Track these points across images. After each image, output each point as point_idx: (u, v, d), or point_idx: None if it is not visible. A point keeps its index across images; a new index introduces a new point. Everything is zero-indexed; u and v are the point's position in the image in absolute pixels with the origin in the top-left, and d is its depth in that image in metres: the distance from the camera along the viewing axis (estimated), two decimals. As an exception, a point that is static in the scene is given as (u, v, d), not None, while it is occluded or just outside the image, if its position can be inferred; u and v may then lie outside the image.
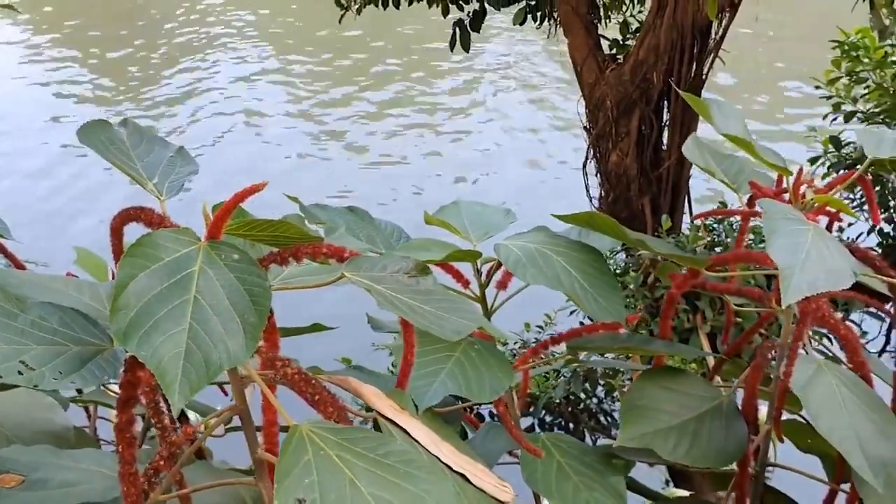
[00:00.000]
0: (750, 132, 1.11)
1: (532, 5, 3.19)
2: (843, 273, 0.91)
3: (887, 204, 2.67)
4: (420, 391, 0.90)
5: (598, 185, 3.21)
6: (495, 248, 1.04)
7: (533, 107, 7.47)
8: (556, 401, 2.89)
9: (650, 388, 1.07)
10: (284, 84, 8.18)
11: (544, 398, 2.68)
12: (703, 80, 2.78)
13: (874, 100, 2.84)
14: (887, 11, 2.10)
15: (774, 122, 6.79)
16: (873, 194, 1.16)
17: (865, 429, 0.94)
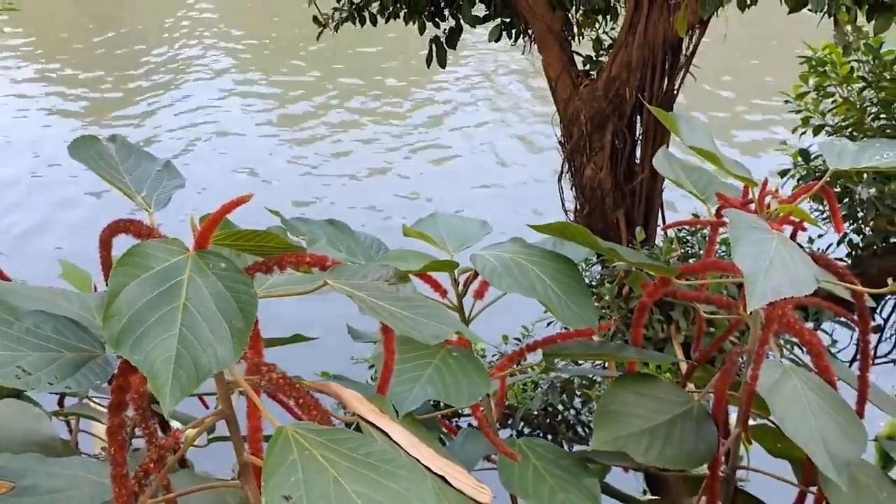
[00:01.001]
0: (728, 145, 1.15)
1: (507, 22, 3.24)
2: (806, 280, 0.95)
3: (856, 215, 2.73)
4: (400, 396, 0.93)
5: (574, 199, 3.26)
6: (472, 258, 1.07)
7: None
8: (533, 412, 2.92)
9: (623, 393, 1.11)
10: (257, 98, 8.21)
11: (522, 409, 2.71)
12: (674, 94, 2.84)
13: (841, 114, 2.90)
14: (850, 28, 2.16)
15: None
16: (836, 204, 1.21)
17: (829, 430, 0.98)
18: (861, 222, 2.69)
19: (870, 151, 1.18)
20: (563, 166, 3.18)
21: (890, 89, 2.57)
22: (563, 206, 3.31)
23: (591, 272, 3.02)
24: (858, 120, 2.80)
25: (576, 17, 3.17)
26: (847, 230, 2.91)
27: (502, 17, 3.26)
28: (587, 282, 3.02)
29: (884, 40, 2.65)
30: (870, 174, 2.52)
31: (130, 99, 8.23)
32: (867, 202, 2.39)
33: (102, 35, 10.11)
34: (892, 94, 2.58)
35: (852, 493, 1.00)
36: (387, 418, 0.84)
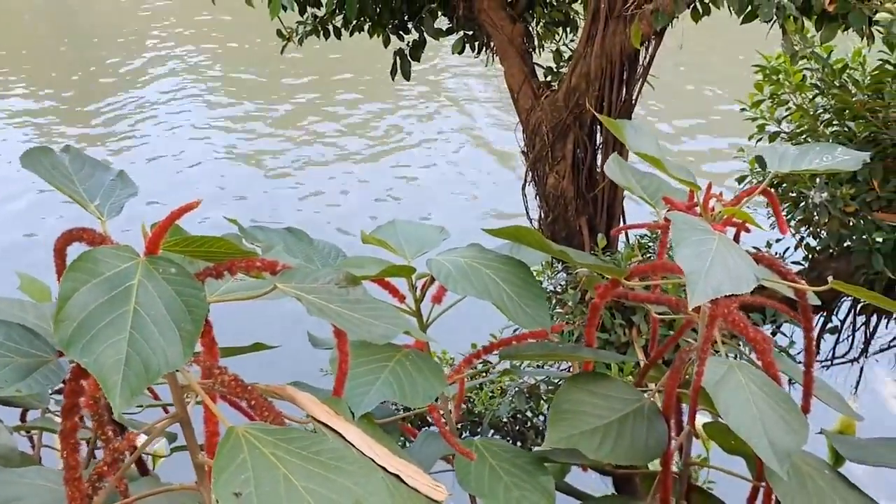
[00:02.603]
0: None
1: (469, 35, 3.29)
2: (746, 278, 0.99)
3: (811, 219, 2.80)
4: (356, 398, 0.95)
5: (538, 207, 3.30)
6: (428, 263, 1.10)
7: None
8: (502, 419, 2.95)
9: (576, 392, 1.14)
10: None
11: (489, 415, 2.74)
12: (632, 104, 2.89)
13: (796, 120, 2.98)
14: (798, 37, 2.23)
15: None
16: (779, 207, 1.25)
17: (772, 422, 1.01)
18: (815, 226, 2.76)
19: (809, 155, 1.23)
20: (526, 175, 3.22)
21: (839, 97, 2.64)
22: (528, 215, 3.36)
23: (557, 279, 3.07)
24: (812, 127, 2.87)
25: (536, 29, 3.23)
26: (803, 234, 2.99)
27: (465, 29, 3.31)
28: (552, 288, 3.07)
29: (835, 48, 2.73)
30: (822, 179, 2.59)
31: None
32: (820, 206, 2.46)
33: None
34: (842, 102, 2.65)
35: (796, 482, 1.04)
36: (341, 419, 0.86)
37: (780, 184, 2.91)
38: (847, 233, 2.56)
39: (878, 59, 2.66)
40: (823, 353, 3.14)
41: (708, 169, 6.24)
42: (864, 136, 2.66)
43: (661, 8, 2.26)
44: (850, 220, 2.57)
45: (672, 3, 2.22)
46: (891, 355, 3.16)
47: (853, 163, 1.19)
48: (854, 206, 2.53)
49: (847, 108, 2.71)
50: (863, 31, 2.20)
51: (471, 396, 2.84)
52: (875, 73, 2.64)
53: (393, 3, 3.20)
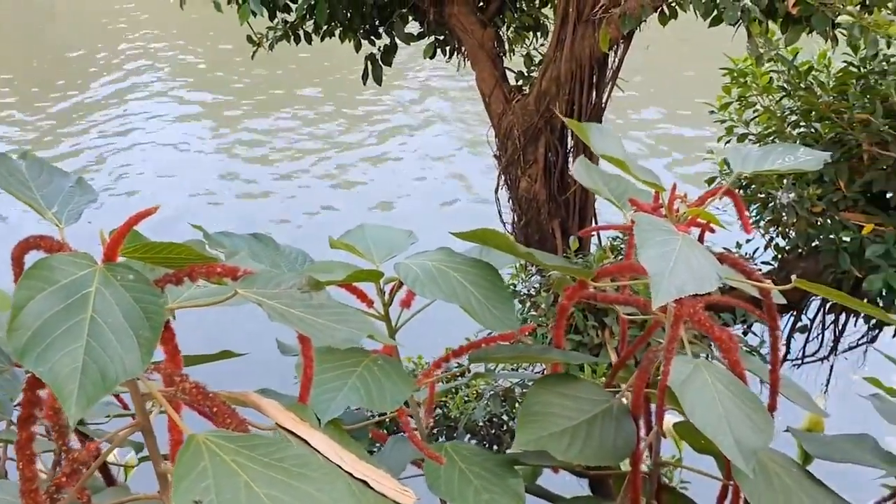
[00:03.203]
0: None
1: (440, 40, 3.30)
2: (710, 278, 1.00)
3: (780, 220, 2.83)
4: (323, 405, 0.94)
5: (511, 210, 3.32)
6: (395, 267, 1.10)
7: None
8: (478, 423, 2.95)
9: (545, 394, 1.14)
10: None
11: (464, 419, 2.74)
12: (602, 107, 2.91)
13: (763, 122, 3.01)
14: (763, 40, 2.26)
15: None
16: (742, 206, 1.26)
17: (738, 420, 1.02)
18: (784, 226, 2.79)
19: (772, 156, 1.24)
20: (498, 179, 3.23)
21: (805, 98, 2.67)
22: (501, 218, 3.37)
23: (531, 281, 3.08)
24: (779, 128, 2.91)
25: (507, 33, 3.24)
26: (772, 234, 3.02)
27: (436, 34, 3.31)
28: (526, 290, 3.08)
29: (801, 50, 2.77)
30: (789, 180, 2.62)
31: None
32: (788, 207, 2.48)
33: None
34: (808, 103, 2.69)
35: (762, 480, 1.05)
36: (306, 426, 0.85)
37: (749, 185, 2.94)
38: (814, 232, 2.60)
39: (843, 60, 2.70)
40: (794, 352, 3.18)
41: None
42: (830, 138, 2.70)
43: (629, 12, 2.28)
44: (818, 220, 2.60)
45: (639, 7, 2.24)
46: (859, 353, 3.20)
47: (815, 163, 1.21)
48: (821, 207, 2.57)
49: (813, 109, 2.75)
50: (826, 33, 2.23)
51: (445, 401, 2.84)
52: (839, 74, 2.68)
53: (363, 8, 3.20)
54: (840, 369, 3.35)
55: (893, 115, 2.55)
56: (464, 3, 3.04)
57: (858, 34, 1.98)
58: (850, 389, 3.64)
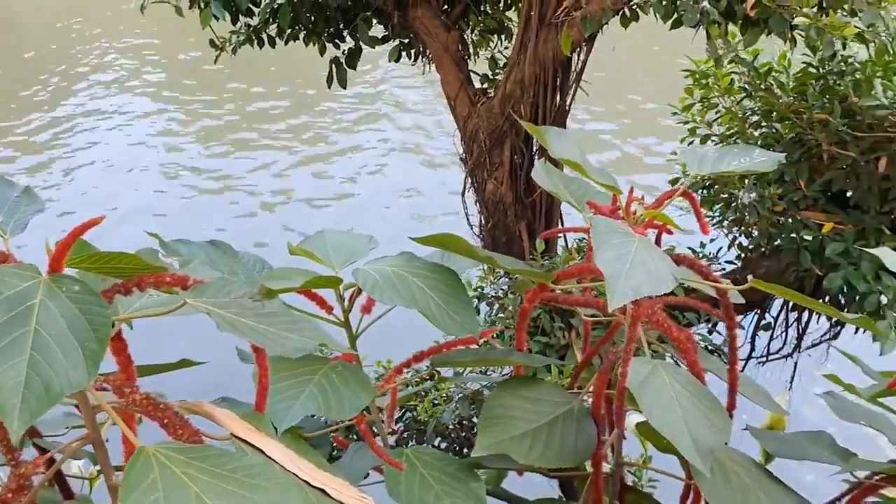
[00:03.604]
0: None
1: (405, 43, 3.29)
2: (665, 279, 1.01)
3: (743, 219, 2.87)
4: (279, 413, 0.94)
5: (478, 213, 3.32)
6: (354, 273, 1.09)
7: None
8: (448, 426, 2.95)
9: (506, 397, 1.14)
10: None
11: (433, 423, 2.73)
12: (567, 110, 2.93)
13: (725, 123, 3.05)
14: (722, 42, 2.28)
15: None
16: (699, 207, 1.28)
17: (695, 420, 1.03)
18: (746, 226, 2.82)
19: (728, 157, 1.25)
20: (465, 182, 3.24)
21: (766, 99, 2.71)
22: (468, 221, 3.37)
23: (499, 283, 3.09)
24: (741, 129, 2.94)
25: (471, 37, 3.25)
26: (736, 234, 3.06)
27: (400, 37, 3.31)
28: (494, 293, 3.08)
29: (761, 51, 2.81)
30: (751, 180, 2.65)
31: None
32: (749, 206, 2.52)
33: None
34: (768, 104, 2.72)
35: (721, 479, 1.06)
36: (262, 435, 0.85)
37: (713, 185, 2.97)
38: (776, 232, 2.63)
39: (802, 62, 2.74)
40: (759, 350, 3.22)
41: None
42: (790, 138, 2.74)
43: (590, 15, 2.29)
44: (779, 220, 2.63)
45: (600, 10, 2.25)
46: (822, 350, 3.25)
47: (770, 164, 1.22)
48: (782, 206, 2.60)
49: (773, 110, 2.79)
50: (784, 34, 2.27)
51: (415, 405, 2.84)
52: (798, 75, 2.72)
53: (327, 12, 3.18)
54: (805, 366, 3.40)
55: (851, 115, 2.59)
56: (428, 6, 3.04)
57: (815, 36, 2.01)
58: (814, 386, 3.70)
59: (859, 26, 2.24)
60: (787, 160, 2.67)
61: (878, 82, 2.43)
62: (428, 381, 2.50)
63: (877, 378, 1.23)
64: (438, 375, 2.74)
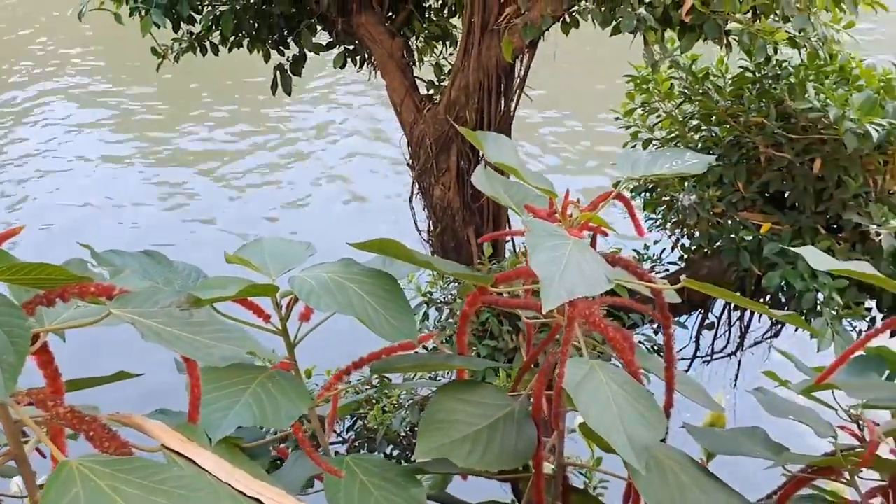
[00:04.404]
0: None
1: (350, 49, 3.29)
2: (599, 280, 1.02)
3: (685, 221, 2.92)
4: (214, 423, 0.92)
5: (427, 218, 3.33)
6: (290, 280, 1.08)
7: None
8: (400, 433, 2.94)
9: (447, 401, 1.14)
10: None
11: (383, 430, 2.73)
12: (511, 115, 2.95)
13: (666, 127, 3.11)
14: (658, 48, 2.33)
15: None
16: (634, 209, 1.30)
17: (631, 419, 1.04)
18: (688, 227, 2.88)
19: (661, 160, 1.28)
20: (412, 187, 3.24)
21: (704, 103, 2.77)
22: (417, 226, 3.38)
23: (448, 288, 3.09)
24: (681, 133, 3.00)
25: (416, 43, 3.26)
26: (678, 235, 3.12)
27: (345, 44, 3.31)
28: (443, 298, 3.09)
29: (700, 56, 2.87)
30: (690, 182, 2.71)
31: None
32: (689, 208, 2.57)
33: None
34: (706, 108, 2.79)
35: (657, 477, 1.07)
36: (194, 445, 0.84)
37: (655, 188, 3.03)
38: (716, 233, 2.69)
39: (739, 66, 2.81)
40: (704, 349, 3.28)
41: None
42: (729, 140, 2.81)
43: (530, 22, 2.32)
44: (719, 221, 2.69)
45: (540, 17, 2.28)
46: (766, 348, 3.32)
47: (700, 166, 1.25)
48: (721, 207, 2.66)
49: (712, 114, 2.85)
50: (720, 39, 2.32)
51: (365, 413, 2.83)
52: (735, 79, 2.79)
53: (271, 19, 3.16)
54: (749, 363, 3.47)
55: (787, 118, 2.66)
56: (372, 13, 3.05)
57: (748, 41, 2.06)
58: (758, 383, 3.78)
59: (791, 31, 2.31)
60: (726, 163, 2.73)
61: (811, 86, 2.50)
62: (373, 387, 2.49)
63: (809, 374, 1.27)
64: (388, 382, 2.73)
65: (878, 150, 2.58)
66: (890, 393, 1.17)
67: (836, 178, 2.58)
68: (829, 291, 2.39)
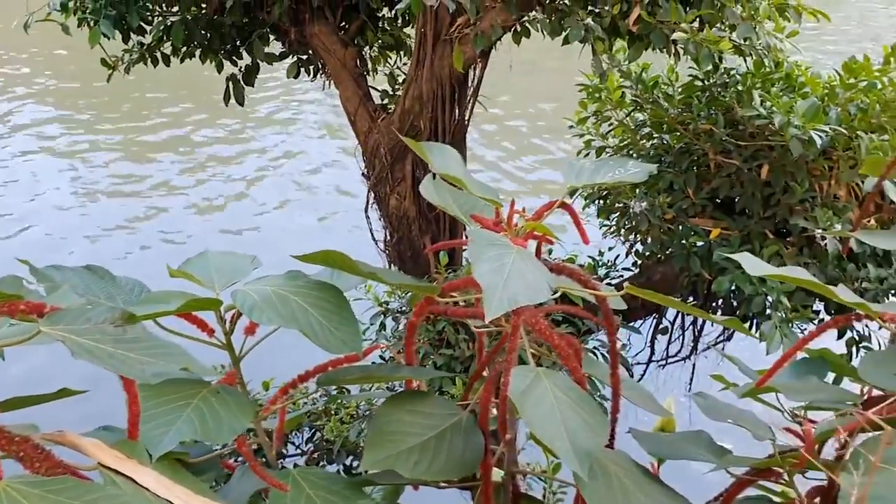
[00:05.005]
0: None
1: (304, 59, 3.28)
2: (542, 289, 1.03)
3: (637, 228, 2.96)
4: (154, 440, 0.91)
5: (383, 228, 3.33)
6: (232, 294, 1.08)
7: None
8: (359, 444, 2.93)
9: (394, 412, 1.14)
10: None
11: (340, 441, 2.72)
12: (465, 124, 2.97)
13: (619, 135, 3.15)
14: (606, 57, 2.36)
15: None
16: (578, 218, 1.31)
17: (575, 425, 1.05)
18: (641, 234, 2.92)
19: (604, 169, 1.30)
20: (368, 197, 3.24)
21: (654, 111, 2.81)
22: (373, 236, 3.37)
23: (406, 298, 3.09)
24: (633, 140, 3.04)
25: (370, 53, 3.26)
26: (633, 241, 3.16)
27: (298, 53, 3.29)
28: (400, 307, 3.09)
29: (651, 64, 2.91)
30: (641, 190, 2.74)
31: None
32: (640, 215, 2.60)
33: None
34: (657, 116, 2.83)
35: (602, 482, 1.08)
36: (133, 462, 0.83)
37: (608, 195, 3.06)
38: (668, 239, 2.72)
39: (689, 74, 2.86)
40: (658, 353, 3.32)
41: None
42: (679, 148, 2.85)
43: (481, 32, 2.33)
44: (670, 227, 2.73)
45: (490, 27, 2.30)
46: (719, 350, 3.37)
47: (642, 175, 1.27)
48: (672, 214, 2.70)
49: (662, 122, 2.89)
50: (669, 48, 2.36)
51: (321, 424, 2.81)
52: (684, 88, 2.83)
53: (222, 29, 3.14)
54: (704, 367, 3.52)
55: (735, 125, 2.71)
56: (325, 23, 3.04)
57: (693, 50, 2.10)
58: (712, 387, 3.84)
59: (736, 40, 2.35)
60: (676, 170, 2.78)
61: (757, 93, 2.55)
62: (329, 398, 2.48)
63: (753, 377, 1.29)
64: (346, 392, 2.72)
65: (823, 156, 2.64)
66: (827, 395, 1.20)
67: (782, 184, 2.64)
68: (777, 295, 2.44)
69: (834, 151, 2.64)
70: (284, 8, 2.89)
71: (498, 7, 2.32)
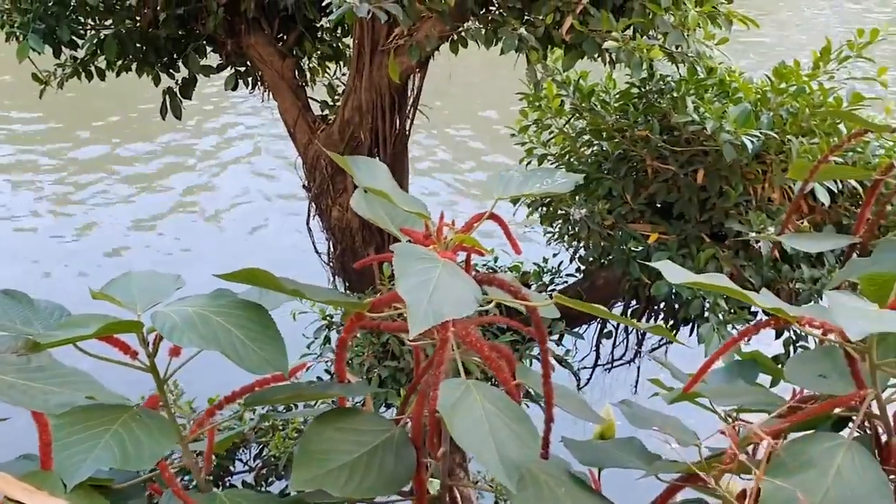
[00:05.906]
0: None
1: (241, 71, 3.24)
2: (468, 302, 1.03)
3: (579, 235, 2.98)
4: (70, 469, 0.89)
5: (326, 240, 3.30)
6: (152, 316, 1.05)
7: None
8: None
9: (324, 430, 1.13)
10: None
11: (285, 457, 2.68)
12: (406, 134, 2.96)
13: (559, 143, 3.17)
14: (541, 66, 2.38)
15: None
16: (508, 229, 1.32)
17: (504, 437, 1.05)
18: (582, 240, 2.94)
19: (532, 180, 1.31)
20: (309, 209, 3.21)
21: (592, 119, 2.84)
22: (316, 249, 3.34)
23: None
24: (573, 148, 3.07)
25: (308, 63, 3.24)
26: (576, 247, 3.18)
27: (236, 65, 3.26)
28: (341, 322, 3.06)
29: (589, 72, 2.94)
30: (581, 196, 2.77)
31: None
32: (580, 222, 2.62)
33: None
34: (595, 123, 2.86)
35: (533, 493, 1.09)
36: (44, 495, 0.80)
37: (550, 202, 3.08)
38: (608, 245, 2.75)
39: (626, 82, 2.90)
40: (604, 357, 3.35)
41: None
42: (617, 154, 2.88)
43: (416, 42, 2.34)
44: (609, 233, 2.76)
45: (425, 38, 2.30)
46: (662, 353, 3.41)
47: (569, 185, 1.28)
48: (611, 220, 2.73)
49: (601, 129, 2.92)
50: (605, 56, 2.38)
51: (266, 441, 2.78)
52: (621, 95, 2.87)
53: (157, 42, 3.09)
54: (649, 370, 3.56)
55: (670, 131, 2.76)
56: (261, 33, 3.01)
57: (625, 58, 2.13)
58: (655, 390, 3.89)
59: (668, 48, 2.39)
60: (614, 176, 2.81)
61: (690, 99, 2.60)
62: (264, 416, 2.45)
63: (684, 380, 1.31)
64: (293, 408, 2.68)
65: (756, 160, 2.69)
66: (753, 398, 1.22)
67: (718, 188, 2.68)
68: (714, 298, 2.48)
69: (767, 155, 2.69)
70: (219, 20, 2.85)
71: (433, 18, 2.32)
